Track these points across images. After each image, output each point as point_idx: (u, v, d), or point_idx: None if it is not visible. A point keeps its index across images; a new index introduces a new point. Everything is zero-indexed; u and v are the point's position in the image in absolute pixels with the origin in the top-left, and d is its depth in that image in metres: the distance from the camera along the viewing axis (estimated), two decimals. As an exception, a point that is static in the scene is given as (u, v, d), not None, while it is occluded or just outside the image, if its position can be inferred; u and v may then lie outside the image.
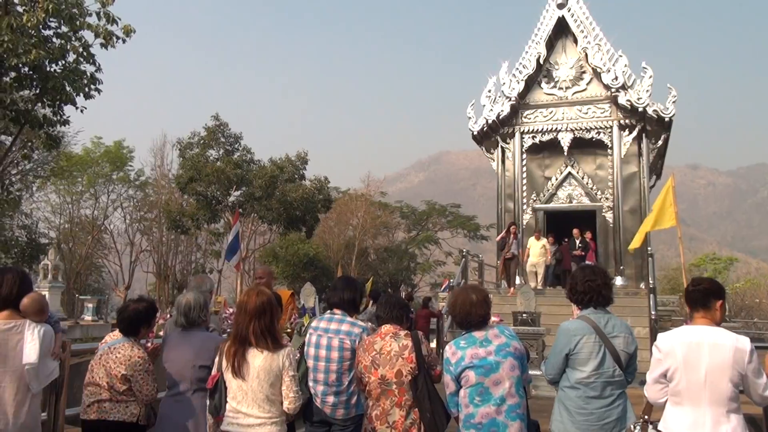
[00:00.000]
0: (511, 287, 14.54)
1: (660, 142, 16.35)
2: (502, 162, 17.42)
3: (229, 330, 4.33)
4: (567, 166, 16.70)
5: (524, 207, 16.77)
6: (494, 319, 4.48)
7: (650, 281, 12.80)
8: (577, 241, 15.37)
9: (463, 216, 44.70)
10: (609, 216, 16.05)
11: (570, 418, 3.36)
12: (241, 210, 24.37)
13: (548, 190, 16.83)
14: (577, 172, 16.61)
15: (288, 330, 5.79)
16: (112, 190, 35.42)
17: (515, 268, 15.09)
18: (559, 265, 15.67)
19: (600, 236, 16.11)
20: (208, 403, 3.51)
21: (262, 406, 3.26)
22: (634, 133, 15.79)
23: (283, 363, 3.29)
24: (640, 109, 15.31)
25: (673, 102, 15.36)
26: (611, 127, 15.96)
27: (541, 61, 16.59)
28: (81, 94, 12.38)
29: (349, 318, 3.98)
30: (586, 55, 16.05)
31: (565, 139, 16.20)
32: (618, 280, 14.72)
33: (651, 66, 15.46)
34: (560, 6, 16.51)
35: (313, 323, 4.09)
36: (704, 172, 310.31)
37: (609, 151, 16.06)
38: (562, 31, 16.75)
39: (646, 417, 3.20)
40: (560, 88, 16.59)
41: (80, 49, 12.18)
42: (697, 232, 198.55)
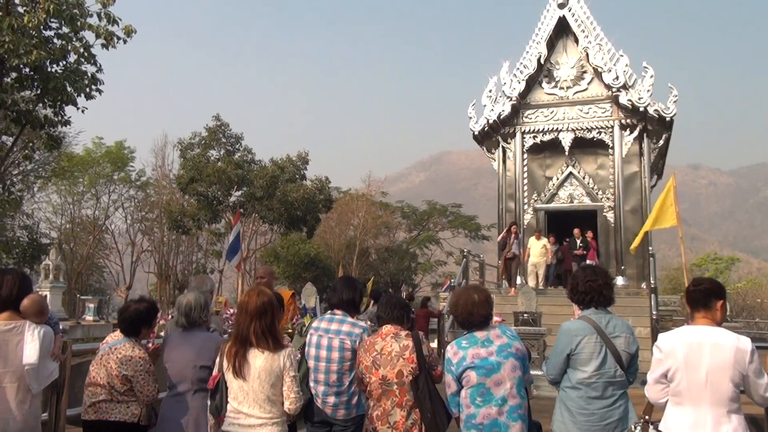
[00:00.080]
0: (512, 287, 14.53)
1: (661, 142, 16.32)
2: (503, 162, 17.43)
3: (230, 330, 4.33)
4: (568, 166, 16.70)
5: (525, 207, 16.76)
6: (496, 320, 4.48)
7: (651, 281, 12.75)
8: (578, 241, 15.35)
9: (464, 216, 44.69)
10: (610, 216, 16.04)
11: (571, 419, 3.35)
12: (242, 210, 24.39)
13: (549, 190, 16.82)
14: (578, 172, 16.60)
15: (289, 330, 5.78)
16: (113, 190, 35.49)
17: (516, 268, 15.09)
18: (560, 265, 15.63)
19: (601, 236, 16.09)
20: (209, 403, 3.50)
21: (263, 407, 3.25)
22: (635, 133, 15.79)
23: (284, 363, 3.28)
24: (641, 109, 15.30)
25: (674, 102, 15.34)
26: (612, 127, 15.95)
27: (542, 61, 16.59)
28: (82, 95, 12.37)
29: (350, 318, 3.98)
30: (587, 54, 16.03)
31: (566, 139, 16.19)
32: (619, 280, 14.71)
33: (652, 66, 15.47)
34: (561, 6, 16.51)
35: (314, 324, 4.08)
36: (706, 172, 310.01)
37: (610, 150, 16.04)
38: (562, 30, 16.75)
39: (647, 417, 3.19)
40: (561, 88, 16.58)
41: (81, 50, 12.18)
42: (698, 232, 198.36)
